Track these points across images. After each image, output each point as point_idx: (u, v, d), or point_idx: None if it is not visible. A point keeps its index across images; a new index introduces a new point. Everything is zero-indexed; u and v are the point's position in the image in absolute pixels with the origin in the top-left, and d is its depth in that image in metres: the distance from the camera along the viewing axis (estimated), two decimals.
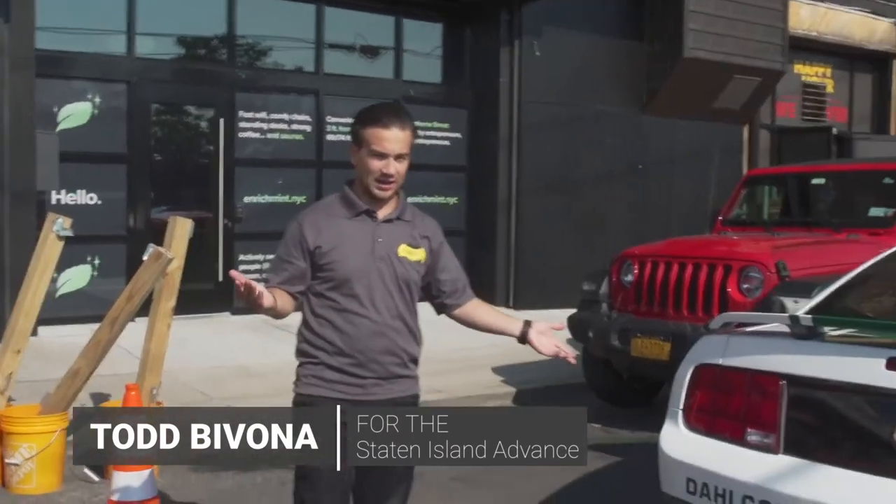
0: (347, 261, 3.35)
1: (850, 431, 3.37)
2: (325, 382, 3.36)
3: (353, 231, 3.37)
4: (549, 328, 3.63)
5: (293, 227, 3.39)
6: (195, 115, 11.13)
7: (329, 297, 3.36)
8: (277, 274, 3.38)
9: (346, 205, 3.40)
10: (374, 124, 3.36)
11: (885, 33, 16.51)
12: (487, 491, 5.89)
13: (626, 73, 13.30)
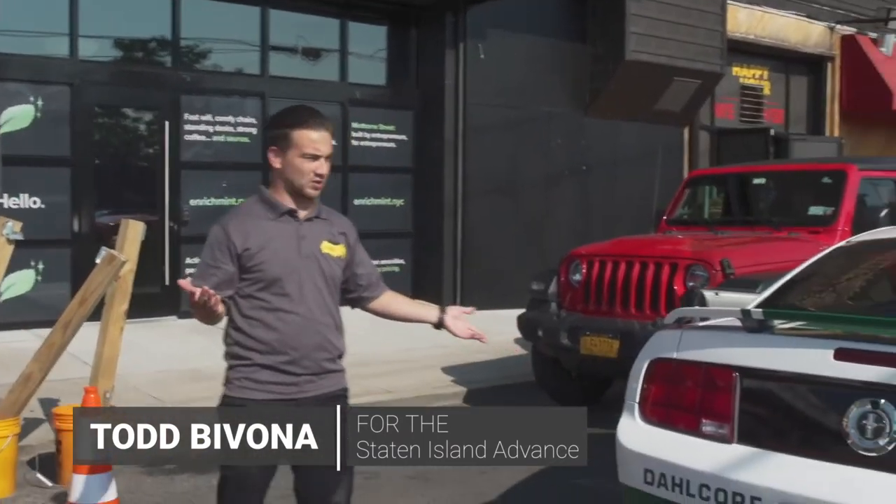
0: (277, 260, 3.42)
1: (801, 420, 3.50)
2: (258, 384, 3.39)
3: (278, 231, 3.44)
4: (461, 312, 3.82)
5: (218, 233, 3.42)
6: (140, 118, 11.04)
7: (259, 298, 3.41)
8: (206, 280, 3.36)
9: (268, 207, 3.46)
10: (303, 126, 3.42)
11: (819, 37, 16.91)
12: (441, 489, 5.95)
13: (569, 75, 13.47)
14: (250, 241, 3.39)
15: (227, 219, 3.46)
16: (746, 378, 3.55)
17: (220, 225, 3.44)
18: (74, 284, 10.24)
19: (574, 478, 6.21)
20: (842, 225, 7.99)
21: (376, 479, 6.15)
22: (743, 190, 9.15)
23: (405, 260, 12.68)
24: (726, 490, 3.42)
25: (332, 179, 12.51)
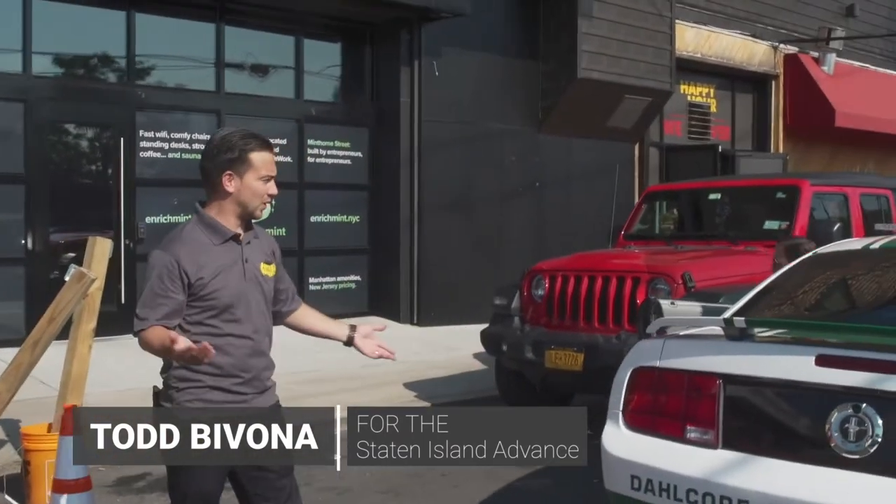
0: (228, 288, 3.42)
1: (784, 425, 3.59)
2: (210, 403, 3.41)
3: (225, 257, 3.45)
4: (372, 331, 3.82)
5: (166, 261, 3.36)
6: (95, 135, 10.94)
7: (209, 324, 3.41)
8: (155, 310, 3.34)
9: (212, 231, 3.45)
10: (261, 148, 3.47)
11: (764, 56, 17.28)
12: (415, 502, 5.97)
13: (522, 92, 13.61)
14: (203, 271, 3.38)
15: (173, 246, 3.40)
16: (730, 385, 3.64)
17: (167, 253, 3.38)
18: (28, 303, 10.12)
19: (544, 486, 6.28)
20: None
21: (349, 492, 6.15)
22: (699, 205, 9.32)
23: (361, 276, 12.69)
24: (713, 494, 3.50)
25: (288, 196, 12.54)
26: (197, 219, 3.48)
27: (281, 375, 9.26)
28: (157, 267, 3.37)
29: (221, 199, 3.45)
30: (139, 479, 6.40)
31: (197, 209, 3.51)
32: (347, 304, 12.47)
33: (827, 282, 4.62)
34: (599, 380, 7.30)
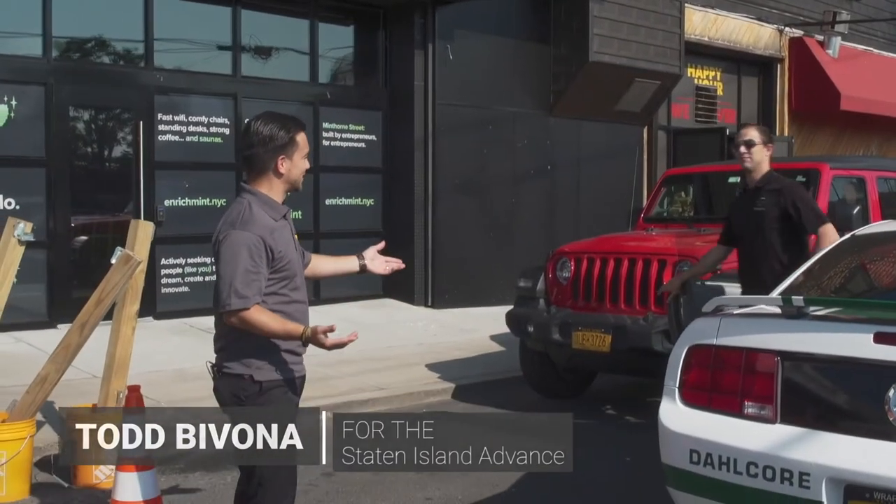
0: (292, 259, 3.76)
1: (842, 400, 3.70)
2: (284, 365, 3.73)
3: (286, 231, 3.78)
4: (375, 252, 4.19)
5: (253, 240, 3.60)
6: (114, 118, 10.99)
7: (281, 293, 3.72)
8: (250, 286, 3.60)
9: (271, 209, 3.74)
10: (302, 129, 3.81)
11: (769, 39, 17.37)
12: (455, 480, 6.07)
13: (533, 76, 13.68)
14: (278, 245, 3.68)
15: (252, 226, 3.64)
16: (788, 361, 3.74)
17: (250, 232, 3.62)
18: (50, 285, 10.19)
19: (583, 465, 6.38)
20: None
21: (387, 472, 6.25)
22: (718, 188, 9.41)
23: None
24: (774, 467, 3.61)
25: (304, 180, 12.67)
26: (254, 199, 3.73)
27: (307, 357, 9.39)
28: (245, 246, 3.59)
29: (273, 179, 3.74)
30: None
31: (251, 190, 3.76)
32: (362, 286, 12.55)
33: (870, 262, 4.73)
34: (626, 360, 7.48)
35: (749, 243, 6.00)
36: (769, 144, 5.94)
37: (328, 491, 5.85)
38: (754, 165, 5.92)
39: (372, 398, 8.12)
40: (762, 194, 5.91)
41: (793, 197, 5.84)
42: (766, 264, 5.83)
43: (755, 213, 5.90)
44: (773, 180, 5.95)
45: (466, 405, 8.27)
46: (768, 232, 5.86)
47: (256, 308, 3.59)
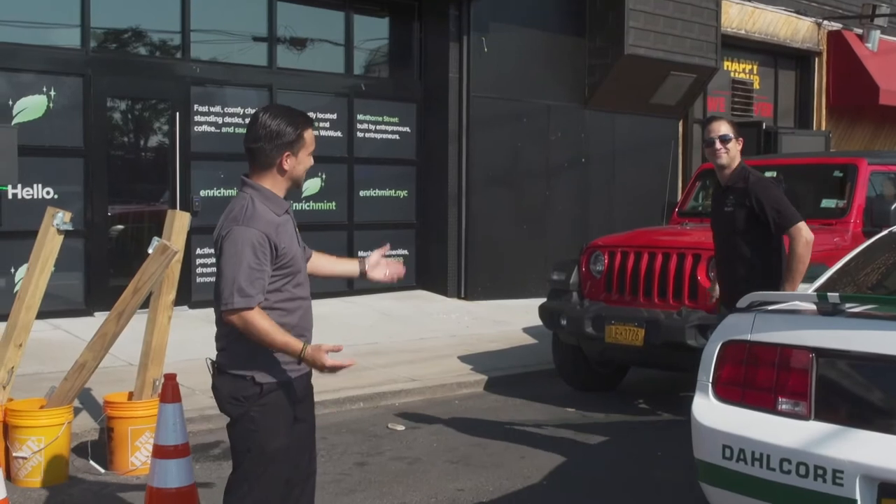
0: (296, 255, 3.71)
1: (878, 398, 3.68)
2: (287, 365, 3.65)
3: (289, 227, 3.70)
4: (379, 258, 4.07)
5: (257, 237, 3.53)
6: (151, 109, 11.11)
7: (284, 290, 3.66)
8: (254, 285, 3.53)
9: (274, 204, 3.64)
10: (310, 126, 3.72)
11: (807, 32, 17.20)
12: (487, 472, 6.10)
13: (568, 68, 13.65)
14: (282, 241, 3.62)
15: (256, 222, 3.56)
16: (823, 358, 3.72)
17: (254, 228, 3.55)
18: (87, 274, 10.32)
19: (606, 458, 6.38)
20: (853, 217, 8.22)
21: (419, 462, 6.29)
22: None
23: (409, 250, 12.81)
24: (808, 464, 3.59)
25: (337, 171, 12.72)
26: (257, 194, 3.64)
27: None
28: (249, 243, 3.53)
29: (276, 175, 3.66)
30: (214, 446, 6.57)
31: (253, 185, 3.66)
32: (400, 278, 12.60)
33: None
34: (659, 355, 7.46)
35: (722, 244, 5.80)
36: (740, 139, 5.67)
37: (360, 480, 5.89)
38: (730, 161, 5.60)
39: (404, 389, 8.16)
40: (731, 193, 5.63)
41: (757, 195, 5.50)
42: (738, 267, 5.61)
43: (725, 213, 5.65)
44: (740, 177, 5.62)
45: (498, 397, 8.28)
46: (737, 233, 5.59)
47: (259, 311, 3.52)
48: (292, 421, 3.71)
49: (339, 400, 7.72)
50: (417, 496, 5.61)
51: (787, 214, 5.51)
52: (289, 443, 3.70)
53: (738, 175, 5.63)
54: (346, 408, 7.73)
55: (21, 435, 5.61)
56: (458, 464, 6.26)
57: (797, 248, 5.41)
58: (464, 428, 7.21)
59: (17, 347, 5.82)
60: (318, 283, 13.23)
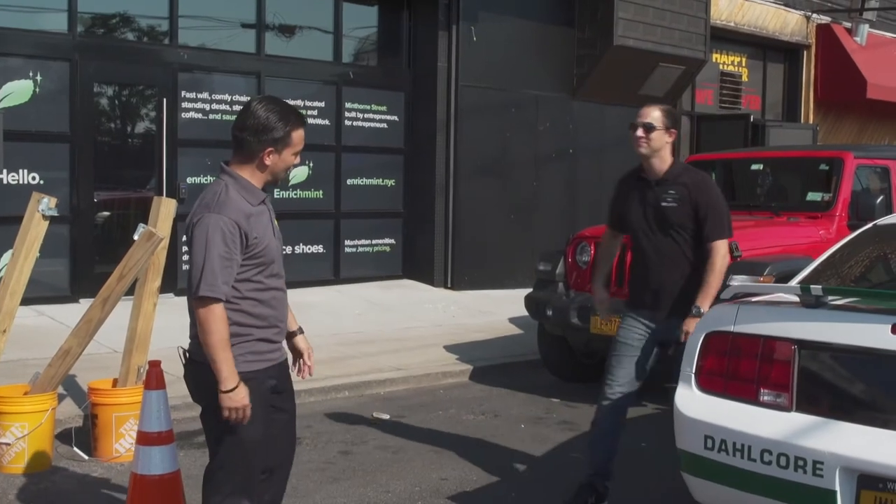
0: (270, 245, 3.66)
1: (859, 390, 3.70)
2: (258, 355, 3.66)
3: (263, 217, 3.65)
4: (309, 353, 4.05)
5: (228, 225, 3.48)
6: (138, 95, 11.05)
7: (257, 281, 3.63)
8: (222, 273, 3.48)
9: (249, 193, 3.60)
10: (300, 125, 3.67)
11: (796, 25, 17.23)
12: (471, 461, 6.11)
13: (557, 59, 13.65)
14: (254, 230, 3.57)
15: (227, 209, 3.51)
16: (805, 350, 3.74)
17: (225, 215, 3.50)
18: (72, 260, 10.28)
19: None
20: (839, 210, 8.25)
21: (403, 451, 6.30)
22: (740, 175, 9.38)
23: (396, 240, 12.81)
24: (788, 455, 3.62)
25: (325, 159, 12.66)
26: (233, 182, 3.60)
27: (327, 337, 9.46)
28: (219, 230, 3.47)
29: (256, 169, 3.63)
30: (198, 434, 6.55)
31: (231, 172, 3.63)
32: (382, 267, 12.61)
33: (891, 252, 4.71)
34: None
35: (648, 242, 5.12)
36: (671, 130, 5.04)
37: (344, 469, 5.90)
38: (650, 152, 5.02)
39: (390, 378, 8.17)
40: (671, 187, 5.03)
41: (703, 196, 5.00)
42: (672, 269, 5.03)
43: (663, 209, 5.03)
44: (683, 172, 5.11)
45: (483, 387, 8.30)
46: (677, 233, 5.03)
47: (221, 314, 3.48)
48: (268, 410, 3.69)
49: (324, 388, 7.72)
50: (401, 485, 5.62)
51: (725, 225, 5.05)
52: (265, 432, 3.67)
53: (680, 169, 5.13)
54: (332, 396, 7.73)
55: (5, 421, 5.59)
56: (443, 453, 6.27)
57: (719, 262, 4.93)
58: (448, 417, 7.23)
59: (2, 333, 5.80)
60: (305, 272, 13.21)
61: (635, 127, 5.04)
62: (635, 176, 5.24)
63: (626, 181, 5.34)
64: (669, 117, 5.06)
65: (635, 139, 5.04)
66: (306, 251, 11.97)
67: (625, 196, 5.28)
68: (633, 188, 5.22)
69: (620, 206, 5.32)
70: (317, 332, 9.73)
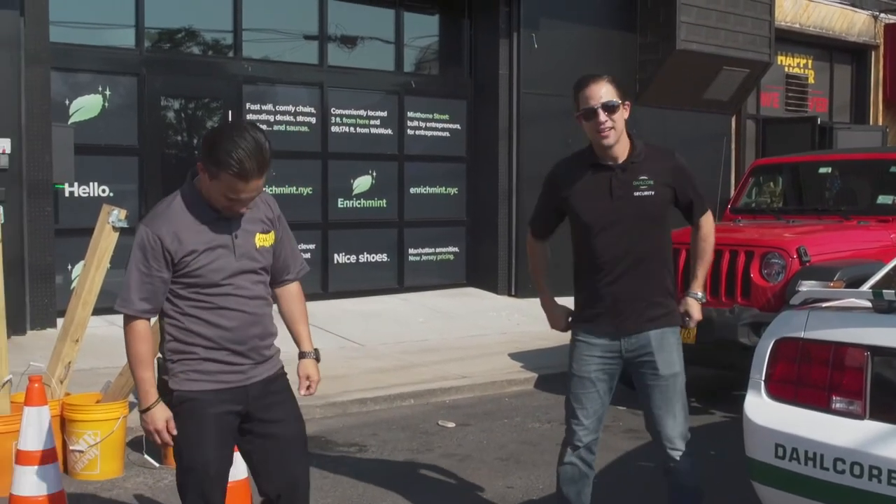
0: (217, 263, 3.33)
1: None
2: (206, 375, 3.37)
3: (212, 234, 3.33)
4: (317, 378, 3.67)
5: (148, 239, 3.26)
6: (204, 108, 11.24)
7: (200, 299, 3.35)
8: (139, 290, 3.28)
9: (199, 206, 3.32)
10: (236, 176, 3.20)
11: (863, 25, 16.92)
12: (537, 469, 6.09)
13: (618, 64, 13.54)
14: (184, 248, 3.28)
15: (156, 222, 3.30)
16: (878, 356, 3.66)
17: (150, 228, 3.28)
18: None
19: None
20: None
21: (470, 459, 6.30)
22: (808, 179, 9.23)
23: (459, 248, 12.84)
24: (862, 463, 3.53)
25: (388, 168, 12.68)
26: (187, 189, 3.36)
27: (392, 345, 9.50)
28: (140, 244, 3.29)
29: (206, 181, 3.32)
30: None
31: (193, 180, 3.37)
32: (446, 276, 12.64)
33: None
34: (712, 353, 7.38)
35: (617, 240, 4.10)
36: (626, 103, 4.11)
37: (410, 477, 5.91)
38: (618, 136, 4.07)
39: (455, 386, 8.17)
40: (641, 172, 4.07)
41: (681, 179, 4.17)
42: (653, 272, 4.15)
43: (636, 199, 4.06)
44: (649, 152, 4.15)
45: (548, 395, 8.26)
46: (656, 226, 4.14)
47: (142, 331, 3.32)
48: (227, 434, 3.42)
49: (389, 396, 7.76)
50: (467, 493, 5.61)
51: (704, 197, 4.30)
52: (218, 455, 3.40)
53: (643, 147, 4.15)
54: (397, 404, 7.76)
55: (78, 429, 5.70)
56: (508, 461, 6.25)
57: (712, 231, 4.31)
58: (514, 425, 7.21)
59: (74, 343, 5.92)
60: (370, 281, 13.27)
61: (594, 112, 4.02)
62: (585, 162, 4.20)
63: (572, 169, 4.27)
64: (620, 86, 4.08)
65: (599, 129, 4.03)
66: (370, 260, 12.05)
67: (574, 187, 4.20)
68: (589, 177, 4.16)
69: (569, 200, 4.22)
70: (382, 340, 9.83)
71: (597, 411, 4.29)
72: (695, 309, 4.35)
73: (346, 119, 11.75)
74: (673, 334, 4.24)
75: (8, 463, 5.15)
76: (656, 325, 4.17)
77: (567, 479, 4.38)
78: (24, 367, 6.03)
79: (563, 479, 4.39)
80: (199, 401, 3.34)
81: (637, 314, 4.13)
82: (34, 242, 9.34)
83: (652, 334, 4.16)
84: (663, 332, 4.19)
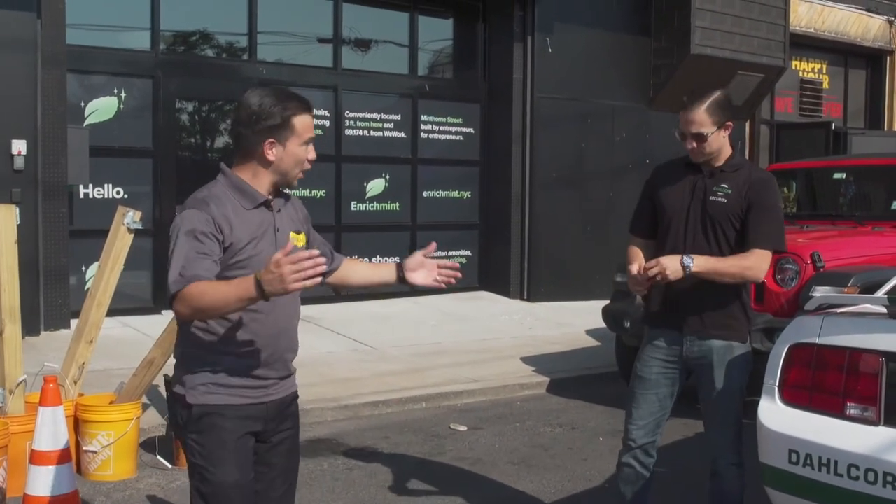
0: (259, 257, 3.06)
1: None
2: (227, 389, 3.10)
3: (256, 224, 3.12)
4: (422, 259, 3.48)
5: (201, 218, 3.00)
6: (218, 110, 11.27)
7: None
8: (199, 264, 2.93)
9: (242, 195, 3.13)
10: (302, 111, 3.15)
11: (879, 31, 16.87)
12: (549, 474, 6.08)
13: (633, 68, 13.56)
14: (235, 235, 3.05)
15: (204, 204, 3.05)
16: (893, 362, 3.65)
17: (199, 210, 3.03)
18: (155, 273, 10.49)
19: (679, 463, 6.32)
20: None
21: (480, 462, 6.30)
22: (822, 184, 9.20)
23: (472, 251, 12.83)
24: (876, 470, 3.52)
25: (401, 171, 12.74)
26: (226, 181, 3.16)
27: (404, 348, 9.51)
28: (193, 224, 3.00)
29: (258, 166, 3.15)
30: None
31: (226, 172, 3.18)
32: (458, 279, 12.62)
33: None
34: None
35: (692, 239, 4.19)
36: (727, 125, 4.20)
37: (422, 480, 5.92)
38: (708, 155, 4.21)
39: (467, 389, 8.17)
40: (724, 179, 4.19)
41: (759, 196, 4.14)
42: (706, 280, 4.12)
43: (712, 203, 4.16)
44: (744, 166, 4.27)
45: (560, 399, 8.25)
46: (725, 232, 4.16)
47: (197, 283, 2.89)
48: (246, 455, 3.14)
49: (401, 399, 7.76)
50: (479, 497, 5.61)
51: (773, 234, 4.18)
52: (241, 478, 3.11)
53: (741, 162, 4.29)
54: (409, 407, 7.76)
55: (91, 429, 5.72)
56: (520, 465, 6.25)
57: (751, 260, 4.11)
58: (525, 429, 7.21)
59: (88, 344, 5.95)
60: None
61: (684, 136, 4.24)
62: (683, 163, 4.35)
63: (668, 168, 4.44)
64: (720, 111, 4.16)
65: (688, 149, 4.24)
66: (383, 263, 12.06)
67: (665, 185, 4.35)
68: (679, 176, 4.31)
69: (659, 196, 4.35)
70: (394, 343, 9.84)
71: (653, 413, 4.36)
72: (671, 262, 4.02)
73: (360, 122, 11.77)
74: (739, 349, 4.25)
75: (22, 463, 5.17)
76: (722, 336, 4.21)
77: (623, 479, 4.47)
78: (39, 368, 6.06)
79: (620, 478, 4.50)
80: (219, 416, 3.08)
81: (701, 316, 4.17)
82: (49, 243, 9.38)
83: (716, 345, 4.22)
84: (729, 345, 4.23)
